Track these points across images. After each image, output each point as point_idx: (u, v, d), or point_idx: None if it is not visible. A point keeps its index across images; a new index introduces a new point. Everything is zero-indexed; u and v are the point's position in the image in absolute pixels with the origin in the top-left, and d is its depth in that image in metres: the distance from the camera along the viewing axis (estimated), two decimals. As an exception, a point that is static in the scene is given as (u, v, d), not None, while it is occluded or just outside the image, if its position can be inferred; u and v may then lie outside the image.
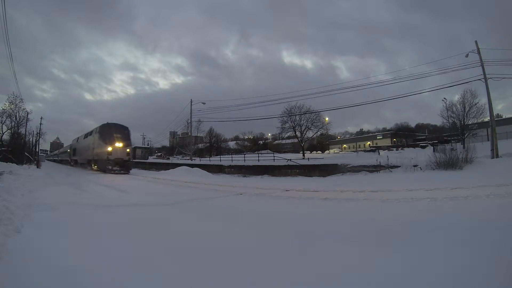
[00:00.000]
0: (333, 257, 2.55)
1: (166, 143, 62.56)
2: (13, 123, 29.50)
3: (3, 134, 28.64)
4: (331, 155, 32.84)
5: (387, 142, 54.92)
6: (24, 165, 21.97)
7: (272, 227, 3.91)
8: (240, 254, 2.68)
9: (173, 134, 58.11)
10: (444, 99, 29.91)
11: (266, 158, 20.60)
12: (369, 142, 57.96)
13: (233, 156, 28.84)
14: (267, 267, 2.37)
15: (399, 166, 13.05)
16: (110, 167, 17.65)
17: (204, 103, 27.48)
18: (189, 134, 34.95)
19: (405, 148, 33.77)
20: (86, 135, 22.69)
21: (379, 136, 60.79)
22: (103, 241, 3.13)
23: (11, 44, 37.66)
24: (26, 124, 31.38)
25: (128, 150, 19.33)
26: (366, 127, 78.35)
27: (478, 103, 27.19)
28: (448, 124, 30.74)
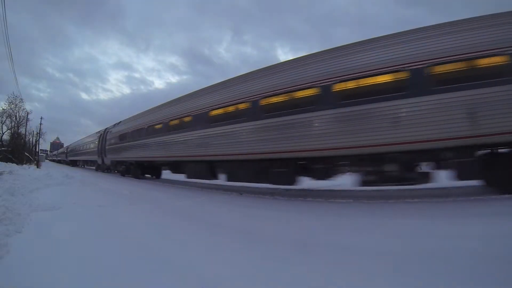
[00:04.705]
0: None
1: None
2: (13, 123, 29.55)
3: (3, 134, 28.68)
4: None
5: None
6: (24, 165, 21.99)
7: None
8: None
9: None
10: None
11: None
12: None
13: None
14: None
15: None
16: None
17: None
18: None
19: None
20: None
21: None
22: (104, 241, 3.14)
23: (2, 42, 37.59)
24: (26, 124, 31.44)
25: None
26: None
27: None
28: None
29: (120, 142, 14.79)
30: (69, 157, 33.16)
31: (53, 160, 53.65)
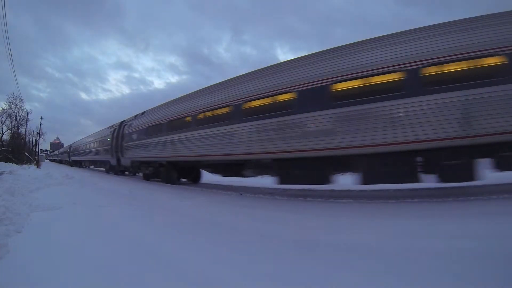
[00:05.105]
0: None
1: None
2: (13, 123, 29.62)
3: (3, 134, 28.72)
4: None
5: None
6: (24, 165, 22.01)
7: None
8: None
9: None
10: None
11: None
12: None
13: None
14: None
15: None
16: None
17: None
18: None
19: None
20: None
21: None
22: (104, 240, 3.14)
23: (2, 42, 37.72)
24: (26, 124, 31.51)
25: None
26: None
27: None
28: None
29: (147, 137, 11.46)
30: (72, 157, 30.32)
31: (54, 160, 53.63)
